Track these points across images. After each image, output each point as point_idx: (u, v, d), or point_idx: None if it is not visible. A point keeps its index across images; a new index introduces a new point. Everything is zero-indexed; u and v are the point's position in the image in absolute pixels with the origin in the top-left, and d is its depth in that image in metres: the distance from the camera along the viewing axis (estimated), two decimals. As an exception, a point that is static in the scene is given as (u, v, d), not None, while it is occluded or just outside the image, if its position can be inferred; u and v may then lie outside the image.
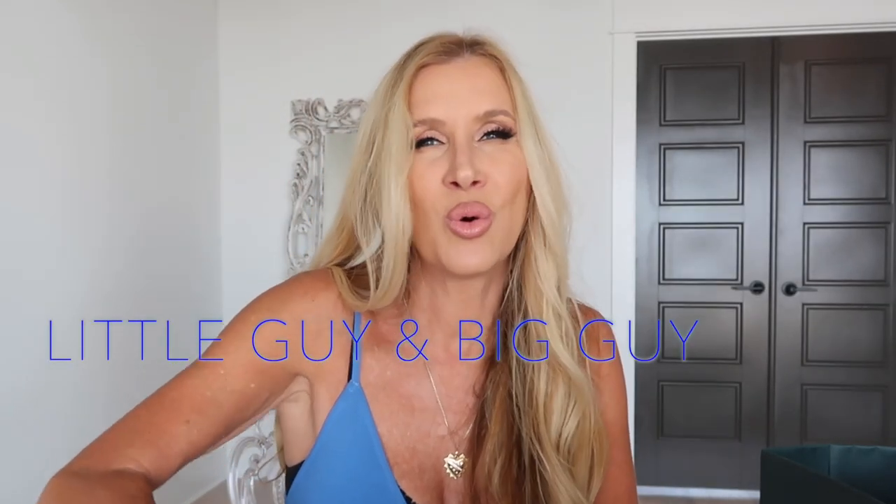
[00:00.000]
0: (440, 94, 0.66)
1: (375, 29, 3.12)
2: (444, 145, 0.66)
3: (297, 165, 3.17)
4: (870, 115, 3.03)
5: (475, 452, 0.72)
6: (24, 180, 2.03)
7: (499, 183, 0.66)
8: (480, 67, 0.68)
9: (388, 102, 0.66)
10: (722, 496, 3.09)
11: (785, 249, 3.09)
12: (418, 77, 0.67)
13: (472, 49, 0.69)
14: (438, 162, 0.66)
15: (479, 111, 0.66)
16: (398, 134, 0.65)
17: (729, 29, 3.03)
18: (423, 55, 0.67)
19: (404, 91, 0.66)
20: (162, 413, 0.64)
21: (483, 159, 0.66)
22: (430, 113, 0.66)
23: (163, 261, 2.75)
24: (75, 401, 2.24)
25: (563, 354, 0.71)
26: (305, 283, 0.72)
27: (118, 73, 2.48)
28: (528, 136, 0.68)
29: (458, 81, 0.67)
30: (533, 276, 0.71)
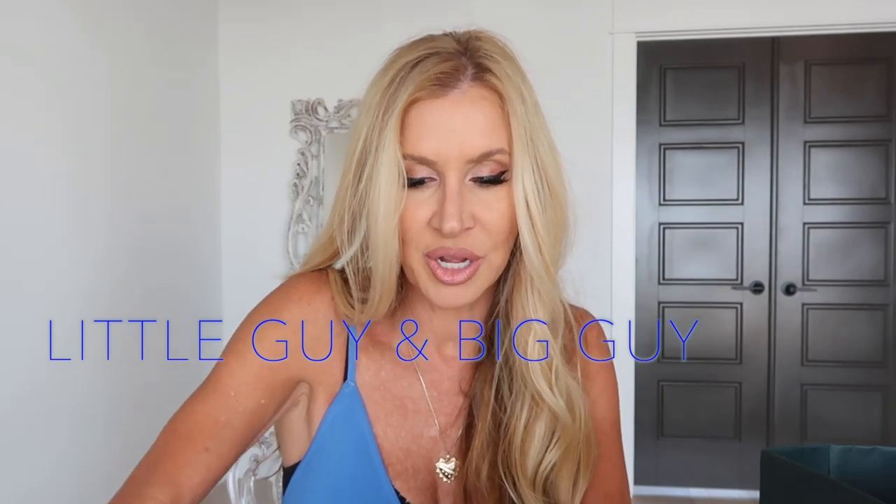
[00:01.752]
0: (433, 130, 0.62)
1: (375, 29, 3.12)
2: (435, 181, 0.64)
3: (297, 165, 3.17)
4: (870, 115, 3.03)
5: (466, 454, 0.73)
6: (24, 180, 2.03)
7: (489, 229, 0.64)
8: (478, 102, 0.63)
9: (379, 136, 0.62)
10: (722, 496, 3.09)
11: (785, 249, 3.09)
12: (411, 107, 0.63)
13: (473, 77, 0.63)
14: (427, 202, 0.63)
15: (473, 153, 0.62)
16: (389, 173, 0.62)
17: (729, 29, 3.03)
18: (417, 85, 0.62)
19: (395, 125, 0.62)
20: (178, 444, 0.64)
21: (474, 203, 0.63)
22: (421, 150, 0.62)
23: (163, 260, 2.75)
24: (75, 401, 2.24)
25: (547, 394, 0.69)
26: (300, 287, 0.72)
27: (118, 74, 2.48)
28: (524, 173, 0.63)
29: (453, 117, 0.62)
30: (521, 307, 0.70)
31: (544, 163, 0.65)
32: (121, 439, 2.45)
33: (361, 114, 0.66)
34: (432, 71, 0.62)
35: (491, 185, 0.64)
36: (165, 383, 2.72)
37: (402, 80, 0.62)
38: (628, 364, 3.05)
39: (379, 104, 0.63)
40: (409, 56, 0.64)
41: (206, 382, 0.68)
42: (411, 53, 0.64)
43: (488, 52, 0.65)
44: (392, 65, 0.65)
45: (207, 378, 0.68)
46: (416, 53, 0.64)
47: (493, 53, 0.65)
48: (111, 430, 2.40)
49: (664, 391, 3.18)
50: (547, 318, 0.69)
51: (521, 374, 0.70)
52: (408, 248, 0.65)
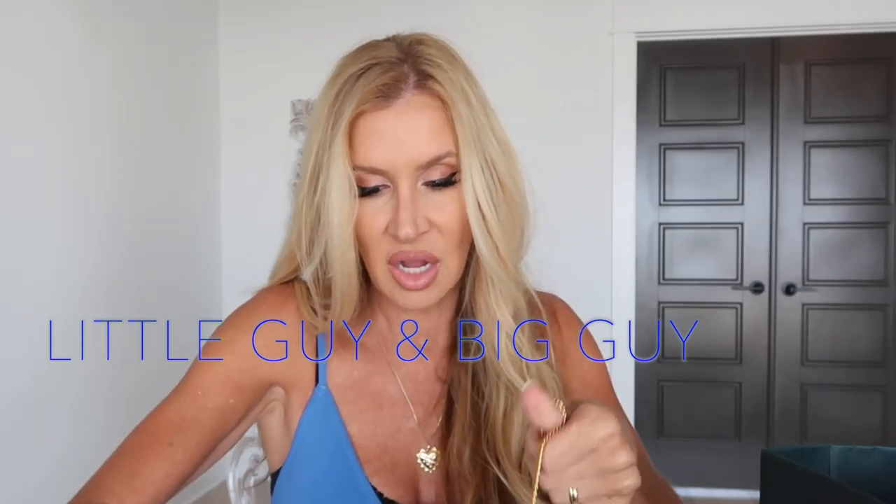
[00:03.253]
0: (380, 140, 0.63)
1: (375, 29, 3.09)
2: (388, 188, 0.65)
3: (297, 165, 3.16)
4: (870, 116, 3.03)
5: (447, 442, 0.73)
6: (24, 180, 2.03)
7: (444, 231, 0.65)
8: (422, 109, 0.63)
9: (329, 150, 0.63)
10: (722, 496, 3.09)
11: (785, 249, 3.09)
12: (358, 119, 0.63)
13: (415, 85, 0.64)
14: (383, 209, 0.65)
15: (421, 160, 0.63)
16: (340, 186, 0.63)
17: (729, 29, 3.03)
18: (360, 98, 0.63)
19: (343, 139, 0.63)
20: (145, 440, 0.67)
21: (428, 206, 0.64)
22: (370, 161, 0.63)
23: (163, 260, 2.75)
24: (75, 401, 2.23)
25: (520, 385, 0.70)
26: (269, 299, 0.74)
27: (118, 74, 2.48)
28: (473, 174, 0.64)
29: (398, 126, 0.63)
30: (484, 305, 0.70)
31: (493, 160, 0.66)
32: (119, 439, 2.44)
33: (312, 129, 0.67)
34: (375, 83, 0.63)
35: (443, 188, 0.65)
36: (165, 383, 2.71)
37: (347, 94, 0.63)
38: (628, 364, 3.05)
39: (327, 118, 0.64)
40: (352, 67, 0.65)
41: (176, 386, 0.71)
42: (354, 64, 0.65)
43: (430, 56, 0.65)
44: (337, 78, 0.66)
45: (179, 382, 0.71)
46: (359, 64, 0.64)
47: (435, 58, 0.65)
48: (110, 429, 2.40)
49: (664, 391, 3.18)
50: (511, 313, 0.70)
51: (493, 368, 0.71)
52: (370, 257, 0.67)
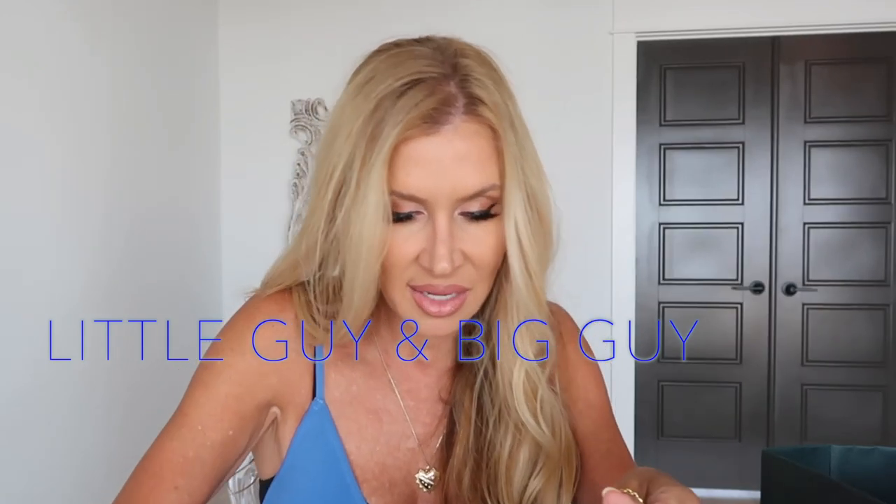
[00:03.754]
0: (423, 168, 0.58)
1: (375, 29, 3.10)
2: (422, 215, 0.60)
3: (297, 165, 3.17)
4: (870, 115, 3.03)
5: (446, 462, 0.71)
6: (24, 180, 2.03)
7: (478, 263, 0.62)
8: (470, 138, 0.59)
9: (362, 170, 0.58)
10: (722, 496, 3.08)
11: (785, 249, 3.09)
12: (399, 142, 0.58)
13: (465, 111, 0.59)
14: (415, 237, 0.60)
15: (465, 192, 0.59)
16: (375, 213, 0.58)
17: (729, 29, 3.03)
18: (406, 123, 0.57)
19: (384, 164, 0.57)
20: (148, 485, 0.63)
21: (463, 239, 0.61)
22: (410, 188, 0.58)
23: (163, 260, 2.75)
24: (75, 401, 2.23)
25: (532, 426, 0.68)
26: (263, 309, 0.70)
27: (118, 74, 2.48)
28: (516, 208, 0.61)
29: (444, 155, 0.58)
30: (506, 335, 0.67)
31: (534, 191, 0.63)
32: (119, 439, 2.44)
33: (338, 137, 0.61)
34: (422, 107, 0.57)
35: (480, 220, 0.61)
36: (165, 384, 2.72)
37: (389, 112, 0.58)
38: (628, 364, 3.05)
39: (361, 133, 0.59)
40: (391, 80, 0.59)
41: (174, 416, 0.67)
42: (393, 75, 0.59)
43: (478, 76, 0.61)
44: (371, 88, 0.60)
45: (176, 410, 0.67)
46: (400, 78, 0.59)
47: (482, 77, 0.61)
48: (110, 430, 2.40)
49: (664, 391, 3.18)
50: (534, 351, 0.68)
51: (504, 401, 0.69)
52: (391, 281, 0.62)
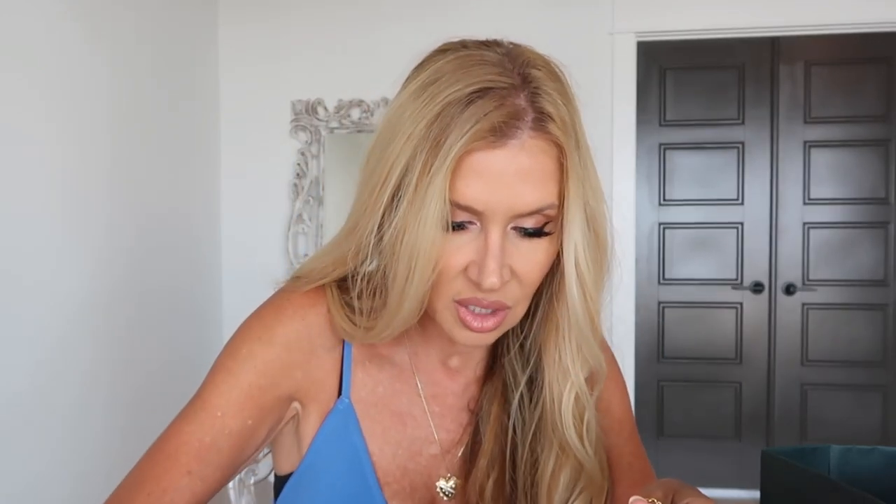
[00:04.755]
0: (484, 180, 0.57)
1: (375, 29, 3.12)
2: (475, 226, 0.59)
3: (297, 165, 3.17)
4: (870, 115, 3.03)
5: (468, 472, 0.71)
6: (24, 181, 2.03)
7: (523, 281, 0.61)
8: (536, 155, 0.58)
9: (424, 175, 0.57)
10: (722, 496, 3.09)
11: (785, 249, 3.09)
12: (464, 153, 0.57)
13: (533, 126, 0.58)
14: (465, 248, 0.59)
15: (523, 209, 0.58)
16: (434, 222, 0.56)
17: (729, 29, 3.03)
18: (473, 135, 0.56)
19: (447, 173, 0.56)
20: (162, 466, 0.62)
21: (513, 254, 0.60)
22: (468, 199, 0.57)
23: (163, 261, 2.75)
24: (74, 401, 2.23)
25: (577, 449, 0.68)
26: (294, 301, 0.69)
27: (118, 74, 2.48)
28: (575, 229, 0.60)
29: (507, 170, 0.57)
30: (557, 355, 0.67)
31: (593, 211, 0.63)
32: (119, 439, 2.44)
33: (397, 137, 0.59)
34: (490, 119, 0.56)
35: (532, 237, 0.60)
36: (165, 384, 2.72)
37: (455, 120, 0.56)
38: (628, 363, 3.05)
39: (423, 137, 0.57)
40: (458, 85, 0.57)
41: (194, 400, 0.66)
42: (461, 81, 0.57)
43: (549, 92, 0.60)
44: (436, 91, 0.58)
45: (196, 395, 0.66)
46: (470, 85, 0.57)
47: (552, 91, 0.60)
48: (110, 431, 2.40)
49: (664, 391, 3.18)
50: (585, 373, 0.67)
51: (550, 422, 0.68)
52: (436, 290, 0.61)
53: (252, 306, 0.72)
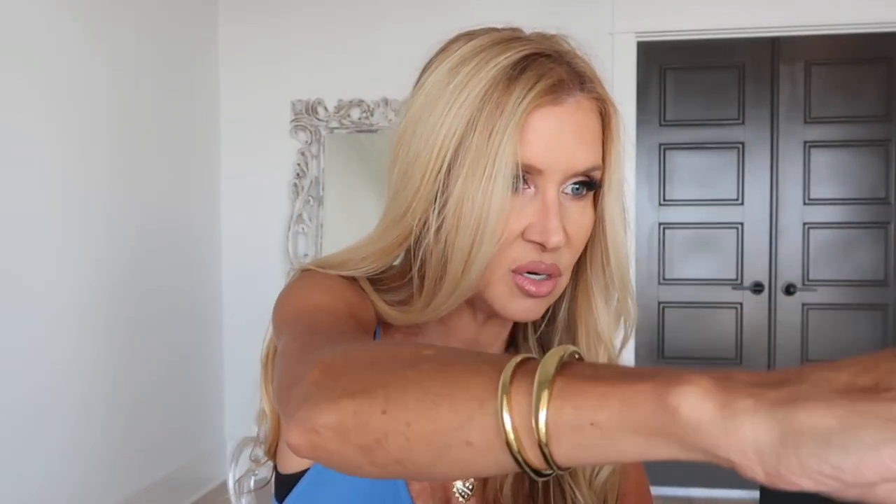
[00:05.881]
0: (545, 139, 0.59)
1: (375, 29, 3.12)
2: (529, 190, 0.60)
3: (297, 165, 3.16)
4: (870, 116, 3.02)
5: None
6: (24, 182, 2.03)
7: (575, 245, 0.63)
8: (588, 114, 0.61)
9: (492, 134, 0.57)
10: (722, 496, 3.09)
11: (785, 249, 3.09)
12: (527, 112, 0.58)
13: (581, 87, 0.61)
14: (523, 210, 0.60)
15: (579, 167, 0.60)
16: (505, 181, 0.57)
17: (729, 29, 3.03)
18: (540, 90, 0.58)
19: (517, 129, 0.57)
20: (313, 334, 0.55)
21: (567, 219, 0.61)
22: (529, 158, 0.58)
23: (163, 261, 2.75)
24: (74, 400, 2.23)
25: None
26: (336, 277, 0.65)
27: (118, 74, 2.48)
28: (617, 189, 0.63)
29: (565, 128, 0.59)
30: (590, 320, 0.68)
31: (621, 177, 0.65)
32: (120, 440, 2.44)
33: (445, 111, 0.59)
34: (549, 77, 0.58)
35: (577, 199, 0.62)
36: (165, 383, 2.72)
37: (515, 80, 0.58)
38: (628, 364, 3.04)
39: (482, 102, 0.58)
40: (509, 53, 0.59)
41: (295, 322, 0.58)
42: (510, 51, 0.59)
43: (585, 62, 0.64)
44: (483, 60, 0.59)
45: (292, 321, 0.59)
46: (518, 52, 0.59)
47: (587, 62, 0.64)
48: (111, 430, 2.40)
49: (664, 391, 3.18)
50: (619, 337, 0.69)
51: None
52: (492, 261, 0.60)
53: (252, 306, 0.70)
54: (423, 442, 0.38)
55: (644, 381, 0.33)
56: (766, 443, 0.29)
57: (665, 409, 0.31)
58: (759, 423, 0.29)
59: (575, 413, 0.33)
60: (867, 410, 0.27)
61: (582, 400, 0.33)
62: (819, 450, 0.27)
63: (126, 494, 2.43)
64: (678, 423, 0.31)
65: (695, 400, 0.31)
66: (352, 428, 0.39)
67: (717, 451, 0.30)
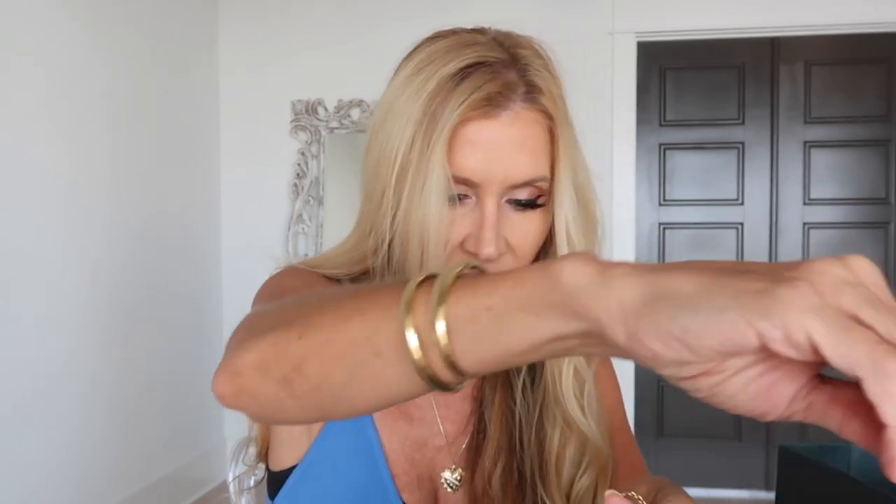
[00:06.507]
0: (479, 151, 0.59)
1: (375, 29, 3.11)
2: (470, 200, 0.61)
3: (297, 165, 3.16)
4: (870, 116, 3.02)
5: (473, 462, 0.70)
6: (24, 182, 2.03)
7: (518, 253, 0.62)
8: (529, 126, 0.60)
9: (424, 152, 0.58)
10: (722, 496, 3.08)
11: (785, 249, 3.08)
12: (458, 124, 0.58)
13: (524, 98, 0.60)
14: (461, 221, 0.61)
15: (517, 179, 0.60)
16: (439, 194, 0.58)
17: (729, 29, 3.03)
18: (469, 104, 0.57)
19: (445, 144, 0.57)
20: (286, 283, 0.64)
21: (508, 228, 0.61)
22: (464, 171, 0.59)
23: (163, 261, 2.75)
24: (75, 401, 2.23)
25: (581, 422, 0.68)
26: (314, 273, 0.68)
27: (118, 74, 2.47)
28: (566, 201, 0.62)
29: (501, 140, 0.59)
30: None
31: (581, 186, 0.64)
32: (120, 440, 2.44)
33: (398, 120, 0.60)
34: (485, 88, 0.58)
35: (525, 209, 0.62)
36: (165, 383, 2.71)
37: (451, 93, 0.58)
38: (628, 364, 3.04)
39: (422, 114, 0.58)
40: (453, 62, 0.59)
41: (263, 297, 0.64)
42: (455, 59, 0.59)
43: (537, 68, 0.62)
44: (432, 70, 0.60)
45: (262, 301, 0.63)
46: (463, 61, 0.59)
47: (540, 68, 0.62)
48: (111, 431, 2.40)
49: (664, 391, 3.17)
50: None
51: (552, 398, 0.68)
52: None
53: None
54: (337, 360, 0.39)
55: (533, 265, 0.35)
56: (630, 302, 0.30)
57: (549, 279, 0.33)
58: (628, 285, 0.31)
59: (471, 302, 0.35)
60: (728, 282, 0.29)
61: (478, 290, 0.35)
62: (673, 310, 0.29)
63: (126, 494, 2.42)
64: (560, 289, 0.32)
65: (575, 267, 0.32)
66: (271, 360, 0.40)
67: (589, 312, 0.32)
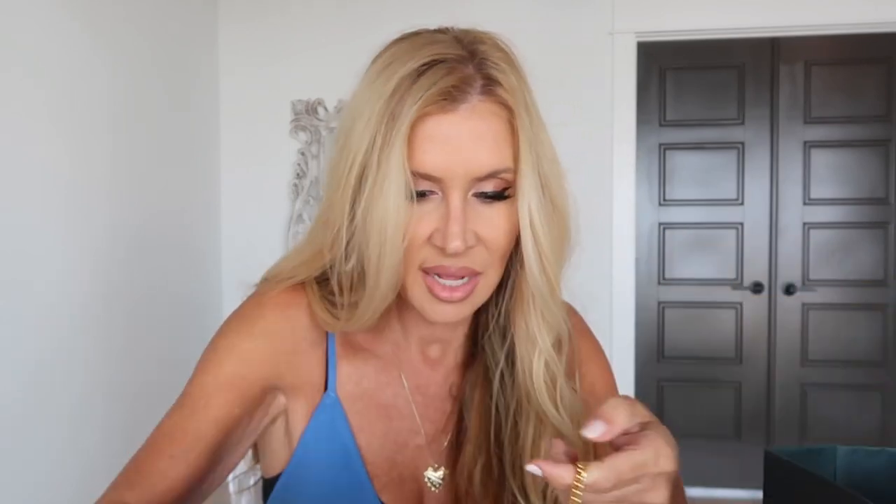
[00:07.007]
0: (439, 146, 0.59)
1: (376, 29, 3.10)
2: (436, 195, 0.61)
3: (297, 165, 3.16)
4: (870, 116, 3.03)
5: (455, 460, 0.71)
6: (23, 182, 2.03)
7: (490, 246, 0.62)
8: (487, 118, 0.60)
9: (383, 151, 0.59)
10: (722, 496, 3.09)
11: (785, 249, 3.09)
12: (417, 121, 0.59)
13: (482, 91, 0.60)
14: (428, 217, 0.61)
15: (480, 172, 0.60)
16: (397, 191, 0.58)
17: (729, 29, 3.03)
18: (425, 100, 0.58)
19: (403, 142, 0.58)
20: (148, 453, 0.64)
21: (477, 221, 0.61)
22: (426, 167, 0.59)
23: (162, 261, 2.75)
24: (74, 401, 2.23)
25: (553, 415, 0.68)
26: (274, 298, 0.70)
27: (118, 74, 2.47)
28: (529, 192, 0.61)
29: (460, 133, 0.59)
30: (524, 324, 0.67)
31: (547, 177, 0.63)
32: (120, 440, 2.44)
33: (358, 122, 0.61)
34: (440, 84, 0.58)
35: (493, 202, 0.62)
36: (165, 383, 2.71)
37: (407, 91, 0.59)
38: (629, 363, 3.05)
39: (381, 114, 0.59)
40: (411, 62, 0.60)
41: (180, 394, 0.67)
42: (413, 59, 0.60)
43: (496, 62, 0.62)
44: (389, 70, 0.61)
45: (182, 390, 0.67)
46: (419, 60, 0.60)
47: (500, 62, 0.62)
48: (110, 431, 2.40)
49: (664, 391, 3.18)
50: (552, 339, 0.67)
51: (525, 393, 0.68)
52: (404, 264, 0.62)
53: None
54: None
55: None
56: None
57: None
58: None
59: None
60: None
61: None
62: None
63: (126, 495, 2.42)
64: None
65: None
66: None
67: None
